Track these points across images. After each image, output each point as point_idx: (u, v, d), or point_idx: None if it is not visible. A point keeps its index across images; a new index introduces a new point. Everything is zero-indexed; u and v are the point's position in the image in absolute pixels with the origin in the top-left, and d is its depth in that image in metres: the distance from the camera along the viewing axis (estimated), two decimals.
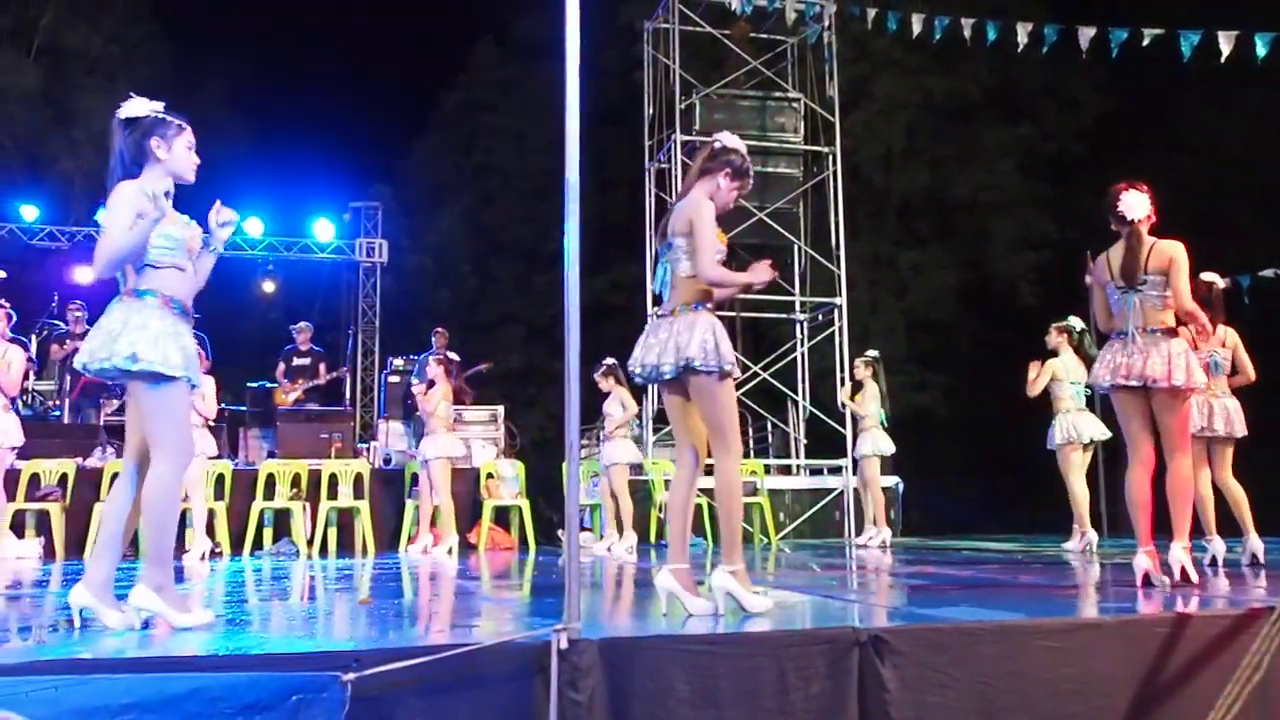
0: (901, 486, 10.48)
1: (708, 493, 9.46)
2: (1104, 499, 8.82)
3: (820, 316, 11.77)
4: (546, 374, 17.64)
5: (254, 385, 11.70)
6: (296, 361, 10.95)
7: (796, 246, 11.55)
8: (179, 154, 3.29)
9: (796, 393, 11.73)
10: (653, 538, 9.27)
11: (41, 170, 17.40)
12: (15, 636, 3.34)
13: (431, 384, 8.19)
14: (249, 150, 19.88)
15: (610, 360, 8.04)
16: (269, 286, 14.37)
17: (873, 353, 8.90)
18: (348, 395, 12.23)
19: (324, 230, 14.12)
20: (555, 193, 2.94)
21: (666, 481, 9.36)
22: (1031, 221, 17.77)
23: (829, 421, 11.26)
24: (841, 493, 10.53)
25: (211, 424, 7.89)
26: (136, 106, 3.26)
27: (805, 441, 11.71)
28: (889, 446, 8.57)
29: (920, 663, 2.79)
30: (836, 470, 10.82)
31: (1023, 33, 8.99)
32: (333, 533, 8.48)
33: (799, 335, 12.05)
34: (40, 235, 13.40)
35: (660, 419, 11.11)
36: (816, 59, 11.79)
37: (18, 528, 7.73)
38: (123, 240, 3.12)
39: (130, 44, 18.21)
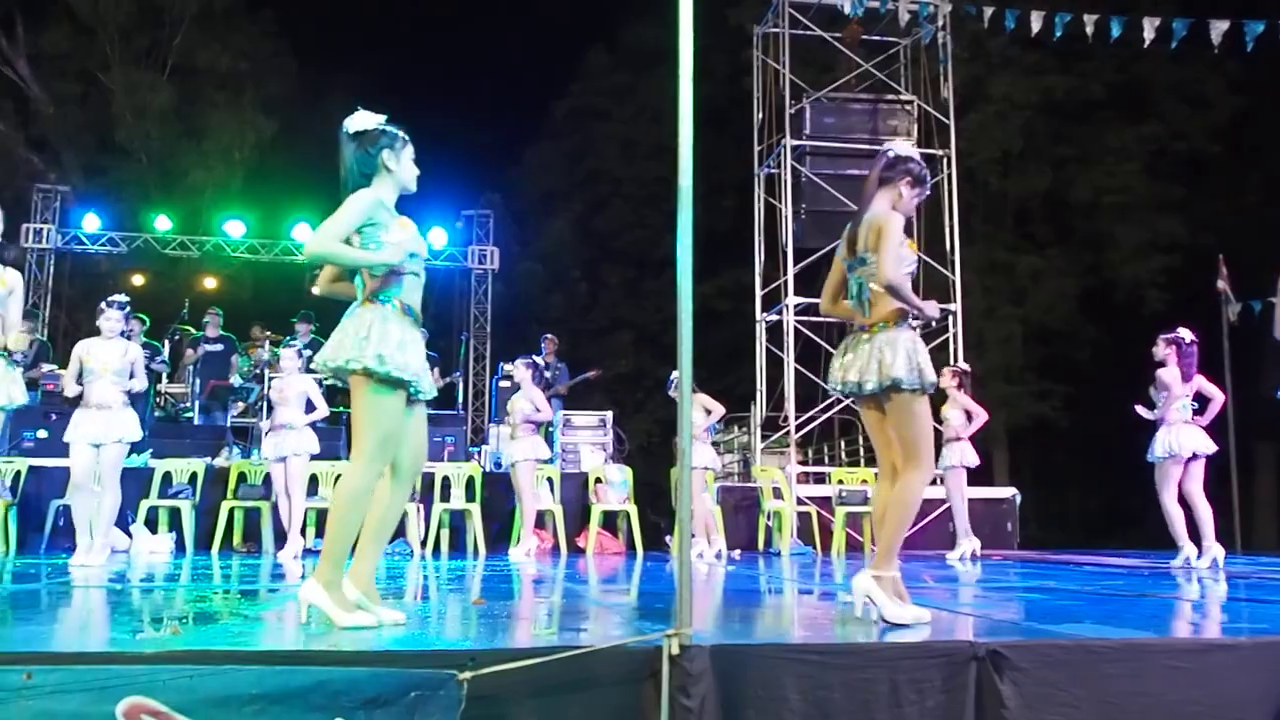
0: (1019, 499, 10.16)
1: (817, 500, 9.40)
2: (1237, 513, 8.39)
3: (934, 324, 11.50)
4: (655, 379, 17.69)
5: None
6: None
7: None
8: (406, 165, 3.38)
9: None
10: (760, 545, 9.21)
11: (174, 183, 18.30)
12: (150, 626, 3.51)
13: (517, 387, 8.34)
14: None
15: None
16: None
17: (962, 365, 8.71)
18: (460, 400, 12.48)
19: (437, 238, 14.46)
20: (664, 199, 2.97)
21: (775, 489, 9.30)
22: (1159, 225, 17.03)
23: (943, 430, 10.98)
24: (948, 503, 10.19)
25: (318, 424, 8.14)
26: (363, 119, 3.37)
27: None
28: (974, 459, 8.40)
29: (1041, 680, 2.70)
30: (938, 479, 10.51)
31: (1150, 28, 8.65)
32: (445, 534, 8.67)
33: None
34: (173, 245, 14.08)
35: (769, 426, 11.04)
36: (930, 60, 11.55)
37: (151, 523, 8.14)
38: (338, 247, 3.20)
39: (257, 61, 18.99)
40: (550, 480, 8.97)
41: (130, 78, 17.79)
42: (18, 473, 8.18)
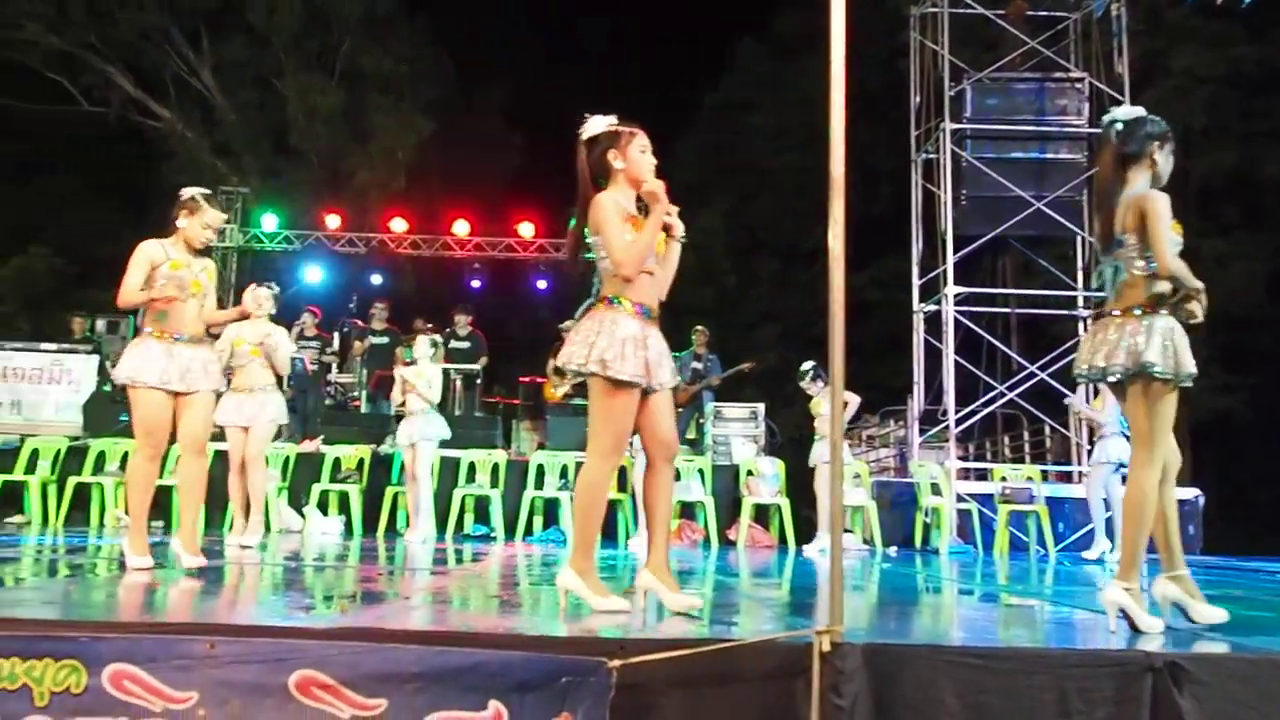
0: (1202, 500, 9.53)
1: (978, 498, 9.07)
2: None
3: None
4: None
5: (525, 380, 12.34)
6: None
7: (1079, 238, 10.76)
8: (634, 159, 3.44)
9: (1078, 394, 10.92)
10: (918, 542, 8.95)
11: (342, 183, 19.22)
12: (321, 604, 3.69)
13: None
14: (522, 159, 21.06)
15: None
16: (541, 285, 15.10)
17: None
18: None
19: (527, 229, 14.66)
20: (814, 188, 2.91)
21: (933, 485, 9.02)
22: None
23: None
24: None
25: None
26: (594, 125, 3.47)
27: (1088, 447, 10.88)
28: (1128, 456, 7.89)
29: (1226, 695, 2.51)
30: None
31: None
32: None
33: (1082, 333, 11.19)
34: (341, 242, 14.79)
35: (927, 420, 10.71)
36: (1102, 34, 10.92)
37: (322, 506, 8.57)
38: (636, 248, 3.32)
39: (417, 64, 19.72)
40: (701, 472, 8.97)
41: (302, 83, 18.78)
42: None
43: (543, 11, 22.50)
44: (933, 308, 10.75)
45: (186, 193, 4.69)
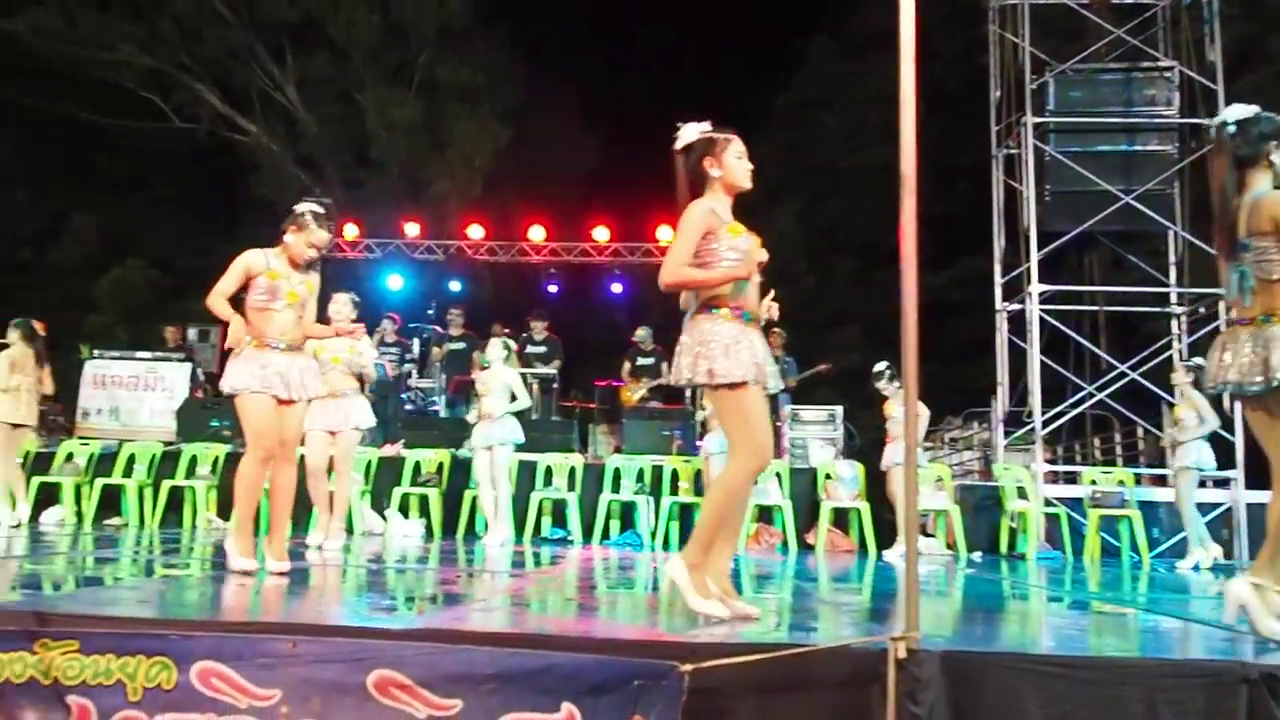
0: None
1: (1066, 502, 8.82)
2: None
3: (1201, 309, 10.49)
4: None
5: (600, 384, 12.39)
6: (641, 361, 11.46)
7: (1171, 232, 10.39)
8: (730, 165, 3.46)
9: (1171, 395, 10.55)
10: (1003, 548, 8.74)
11: (421, 192, 19.56)
12: (402, 605, 3.74)
13: None
14: (598, 162, 21.19)
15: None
16: (616, 289, 15.15)
17: (1197, 360, 7.94)
18: (688, 393, 12.59)
19: (666, 233, 14.68)
20: (890, 187, 2.84)
21: (1019, 489, 8.80)
22: None
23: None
24: (1229, 508, 9.23)
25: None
26: (688, 133, 3.48)
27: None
28: (1211, 460, 7.75)
29: None
30: (1223, 483, 9.50)
31: None
32: (675, 526, 8.77)
33: (1175, 331, 10.80)
34: (420, 250, 15.04)
35: (1012, 422, 10.46)
36: (1193, 20, 10.53)
37: (403, 509, 8.72)
38: (686, 273, 3.33)
39: (493, 73, 19.96)
40: (778, 475, 8.89)
41: (381, 96, 19.15)
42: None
43: (614, 15, 22.59)
44: (1016, 307, 10.49)
45: (300, 208, 4.73)
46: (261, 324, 4.62)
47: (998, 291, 10.80)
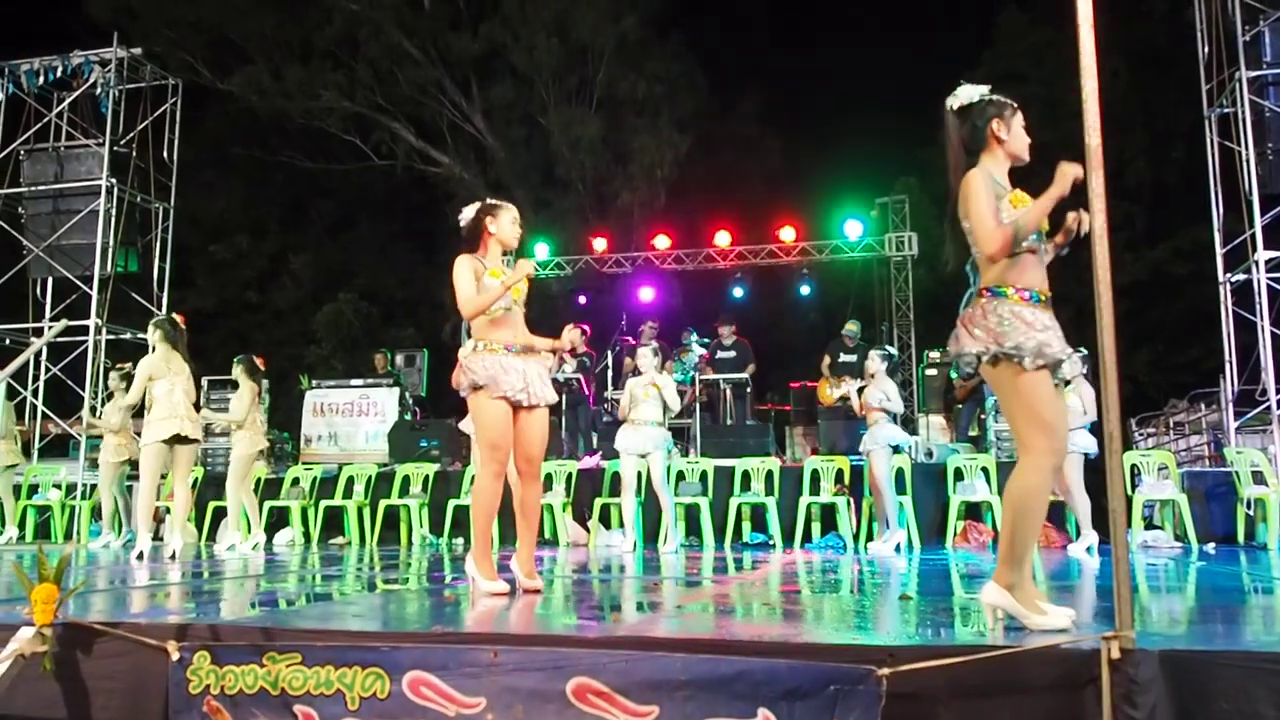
0: None
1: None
2: None
3: None
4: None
5: (795, 385, 12.25)
6: (843, 358, 11.20)
7: None
8: (1017, 134, 3.27)
9: None
10: (1240, 537, 8.04)
11: (606, 206, 19.99)
12: (602, 613, 3.82)
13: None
14: (781, 164, 21.00)
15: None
16: (804, 290, 14.97)
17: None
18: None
19: (853, 229, 14.39)
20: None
21: (1255, 473, 8.09)
22: None
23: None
24: None
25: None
26: (966, 93, 3.29)
27: None
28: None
29: None
30: None
31: None
32: (877, 527, 8.54)
33: None
34: (609, 263, 15.35)
35: (1244, 402, 9.61)
36: None
37: (603, 519, 8.90)
38: (1007, 228, 3.09)
39: (671, 83, 20.16)
40: (984, 470, 8.53)
41: (564, 117, 19.71)
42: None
43: (790, 10, 22.40)
44: (1242, 277, 9.64)
45: (476, 204, 4.59)
46: (494, 327, 4.38)
47: (1219, 262, 9.95)
